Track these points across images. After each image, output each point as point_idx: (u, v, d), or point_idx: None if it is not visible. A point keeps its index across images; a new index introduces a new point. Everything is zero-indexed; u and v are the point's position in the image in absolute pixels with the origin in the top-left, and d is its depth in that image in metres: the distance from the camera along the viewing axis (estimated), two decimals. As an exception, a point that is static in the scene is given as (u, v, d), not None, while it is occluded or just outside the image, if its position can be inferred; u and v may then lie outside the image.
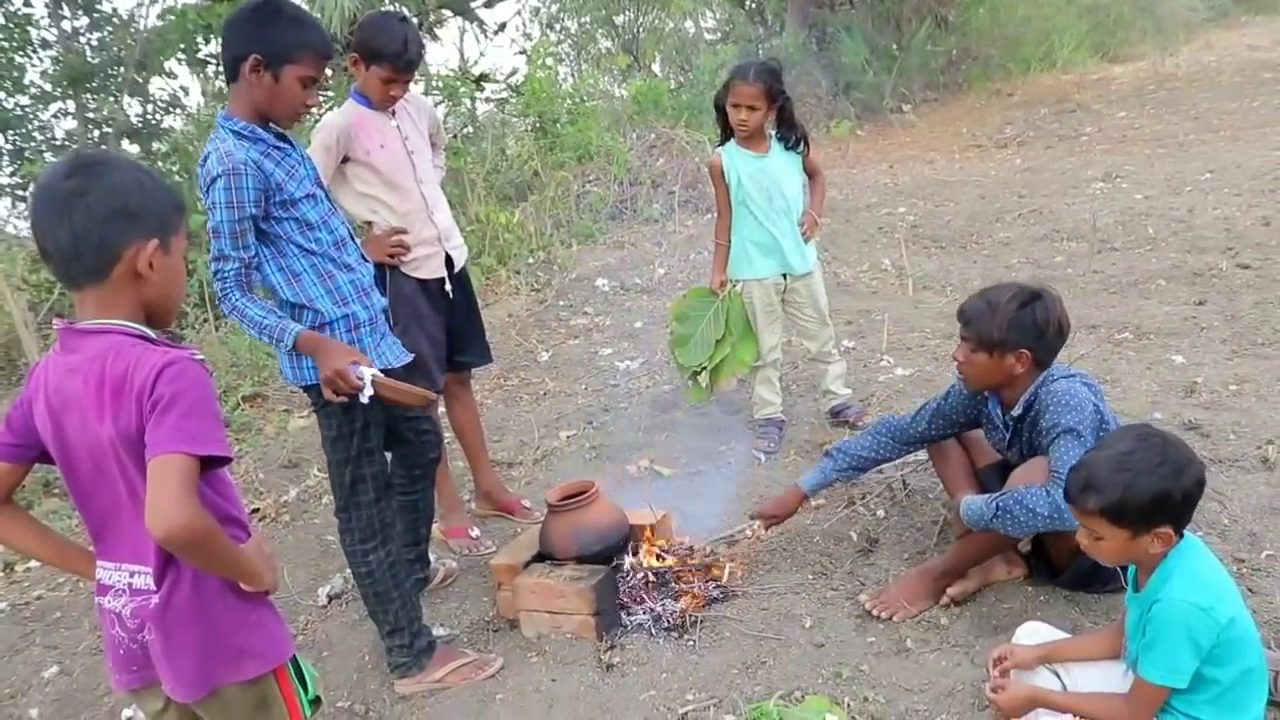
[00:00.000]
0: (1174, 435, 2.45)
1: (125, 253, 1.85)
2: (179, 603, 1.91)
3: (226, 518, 1.96)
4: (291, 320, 2.89)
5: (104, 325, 1.86)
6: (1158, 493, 2.31)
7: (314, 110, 2.98)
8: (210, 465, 1.85)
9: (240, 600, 1.97)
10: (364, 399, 2.88)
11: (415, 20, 6.77)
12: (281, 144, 2.90)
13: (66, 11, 8.61)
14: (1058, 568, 3.32)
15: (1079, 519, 2.44)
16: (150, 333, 1.90)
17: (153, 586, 1.91)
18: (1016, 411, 3.28)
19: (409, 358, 3.31)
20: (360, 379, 2.85)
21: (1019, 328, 3.14)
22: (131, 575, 1.94)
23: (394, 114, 3.84)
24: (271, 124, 2.90)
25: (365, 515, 3.22)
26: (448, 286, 4.03)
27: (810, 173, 4.69)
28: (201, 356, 1.91)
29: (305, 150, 3.11)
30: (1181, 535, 2.40)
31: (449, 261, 4.02)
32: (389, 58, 3.66)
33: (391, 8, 11.15)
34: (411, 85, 3.88)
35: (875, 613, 3.36)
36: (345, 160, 3.78)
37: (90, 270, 1.86)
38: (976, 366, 3.25)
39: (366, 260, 3.18)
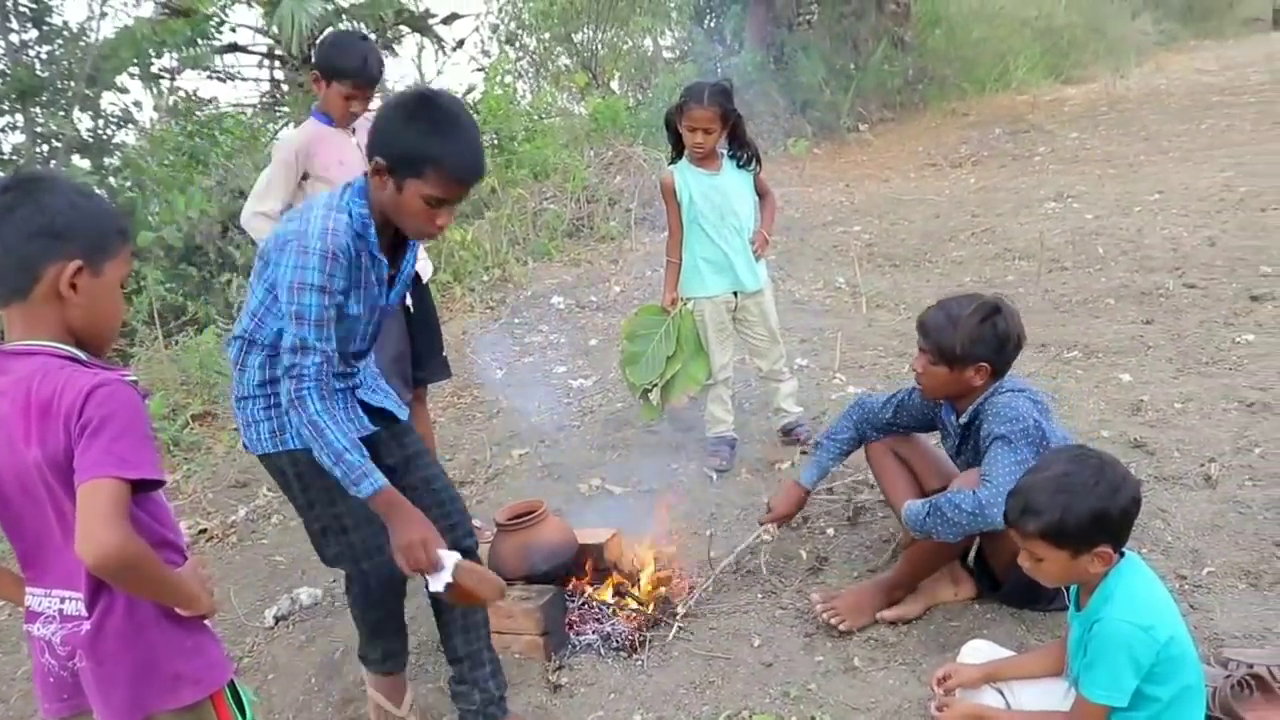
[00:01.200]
0: (1109, 454, 2.48)
1: (45, 272, 1.82)
2: (111, 629, 1.87)
3: (161, 541, 1.93)
4: (373, 464, 2.49)
5: (31, 347, 1.83)
6: (1095, 512, 2.33)
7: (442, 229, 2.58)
8: (142, 488, 1.82)
9: (176, 625, 1.94)
10: (434, 585, 2.54)
11: (373, 37, 6.72)
12: (377, 258, 2.59)
13: (14, 24, 8.50)
14: (999, 579, 3.35)
15: (1020, 543, 2.46)
16: (80, 354, 1.86)
17: (84, 613, 1.87)
18: (964, 419, 3.32)
19: (396, 416, 2.91)
20: (439, 562, 2.51)
21: (980, 342, 3.17)
22: (62, 601, 1.90)
23: (354, 131, 3.91)
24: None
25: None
26: (409, 301, 4.04)
27: (760, 192, 4.71)
28: (134, 378, 1.88)
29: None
30: (1121, 554, 2.42)
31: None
32: (349, 74, 3.75)
33: (350, 26, 11.14)
34: (366, 109, 3.93)
35: (824, 615, 3.37)
36: (305, 177, 3.85)
37: (12, 289, 1.84)
38: (935, 378, 3.28)
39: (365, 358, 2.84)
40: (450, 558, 2.52)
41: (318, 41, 3.93)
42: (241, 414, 2.72)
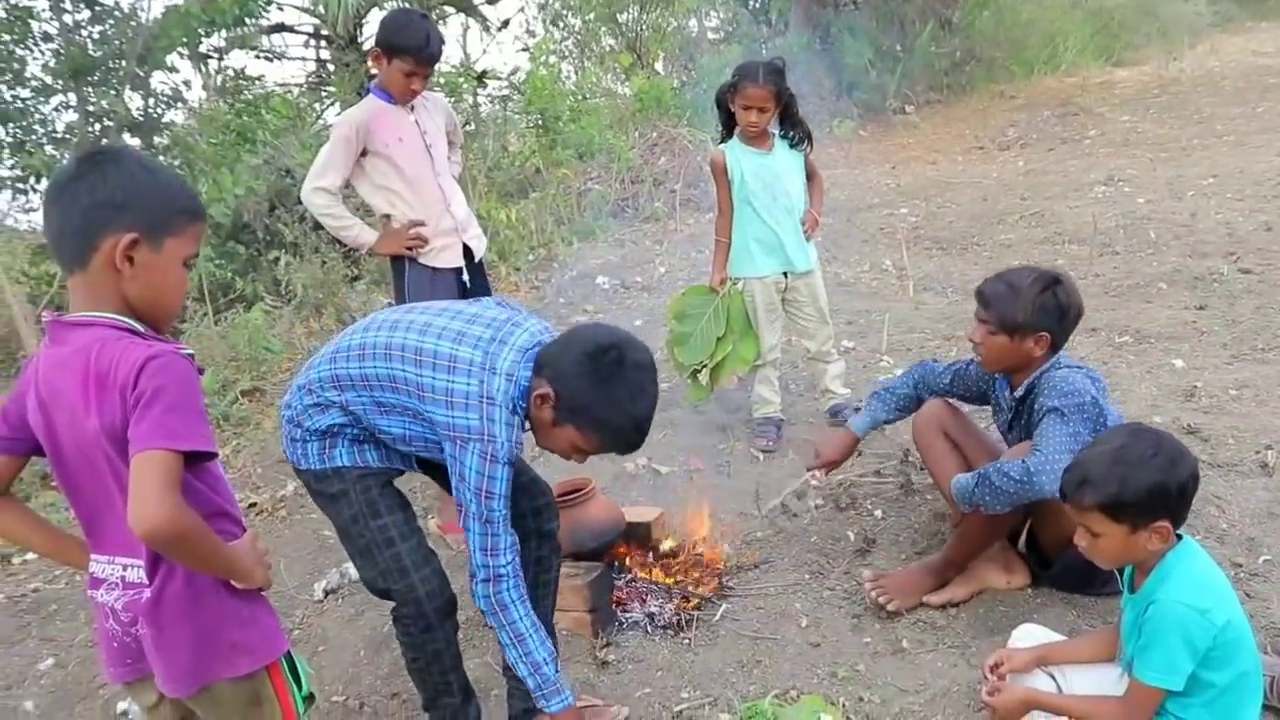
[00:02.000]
0: (1166, 431, 2.45)
1: (102, 242, 1.82)
2: (171, 597, 1.89)
3: (218, 512, 1.95)
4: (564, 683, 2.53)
5: (90, 318, 1.84)
6: (1153, 485, 2.30)
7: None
8: (195, 460, 1.83)
9: (233, 596, 1.95)
10: None
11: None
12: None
13: (68, 5, 8.58)
14: (1047, 558, 3.33)
15: (1076, 518, 2.43)
16: (138, 326, 1.87)
17: (145, 580, 1.89)
18: (1020, 393, 3.29)
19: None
20: None
21: (1042, 311, 3.15)
22: (124, 569, 1.92)
23: (412, 109, 3.96)
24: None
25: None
26: (465, 276, 4.08)
27: (809, 173, 4.68)
28: (190, 351, 1.89)
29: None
30: (1179, 532, 2.39)
31: (468, 253, 4.08)
32: (411, 51, 3.80)
33: (398, 4, 11.18)
34: (425, 87, 3.99)
35: (873, 594, 3.37)
36: (364, 154, 3.89)
37: (72, 257, 1.85)
38: (995, 348, 3.25)
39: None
40: None
41: (380, 20, 3.96)
42: (288, 429, 2.69)
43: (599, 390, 2.40)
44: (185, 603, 1.90)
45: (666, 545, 3.81)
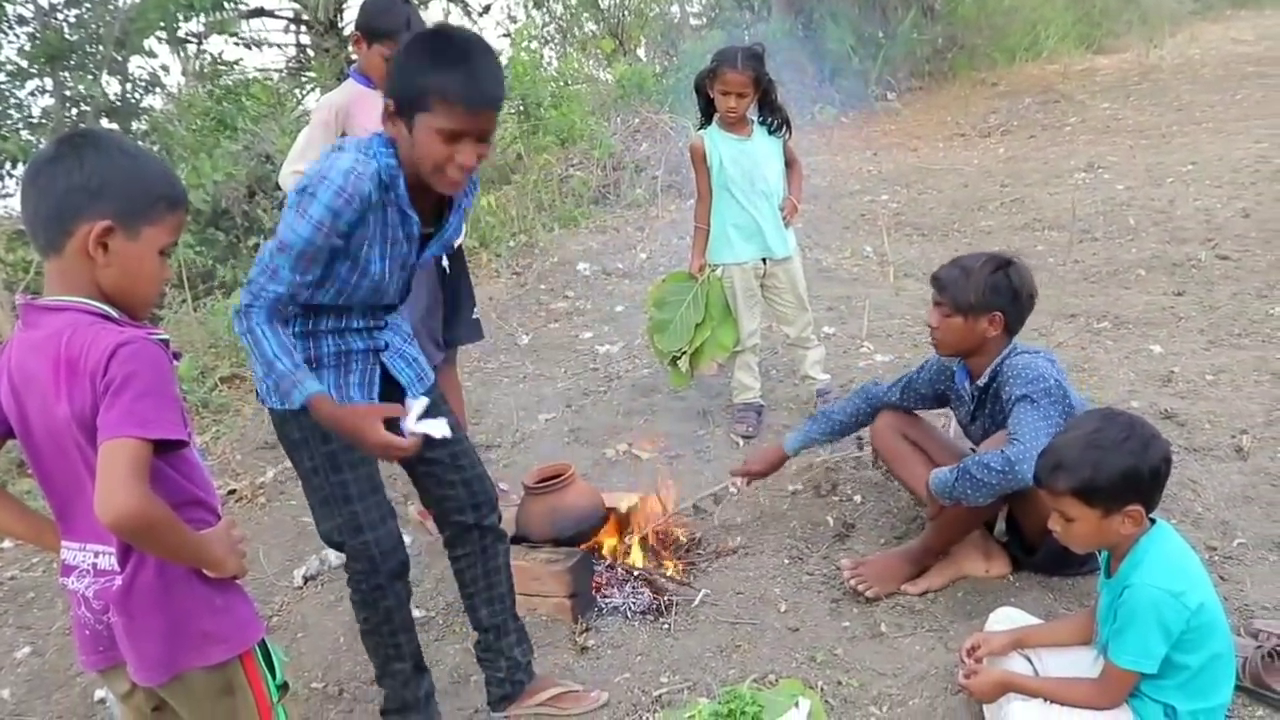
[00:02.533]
0: (1138, 415, 2.47)
1: (76, 228, 1.80)
2: (142, 585, 1.87)
3: (191, 500, 1.93)
4: (308, 373, 2.40)
5: (63, 302, 1.82)
6: (1126, 469, 2.33)
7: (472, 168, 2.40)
8: (166, 448, 1.81)
9: (206, 584, 1.93)
10: (439, 432, 2.47)
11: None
12: (407, 214, 2.48)
13: (45, -13, 8.50)
14: (1031, 545, 3.34)
15: (1050, 503, 2.46)
16: (111, 312, 1.84)
17: (116, 567, 1.87)
18: (982, 381, 3.34)
19: (419, 390, 2.73)
20: (416, 432, 2.45)
21: (994, 290, 3.23)
22: (95, 556, 1.90)
23: None
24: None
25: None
26: (445, 262, 4.07)
27: (788, 160, 4.68)
28: (164, 337, 1.87)
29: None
30: (1152, 516, 2.41)
31: None
32: (391, 35, 3.79)
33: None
34: None
35: (852, 581, 3.38)
36: (343, 137, 3.86)
37: (47, 242, 1.83)
38: (950, 330, 3.31)
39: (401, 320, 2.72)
40: (418, 405, 2.47)
41: (360, 4, 3.94)
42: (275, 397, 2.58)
43: (423, 60, 2.31)
44: (156, 591, 1.88)
45: (644, 530, 3.82)
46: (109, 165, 1.82)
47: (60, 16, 8.64)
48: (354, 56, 4.04)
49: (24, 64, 8.28)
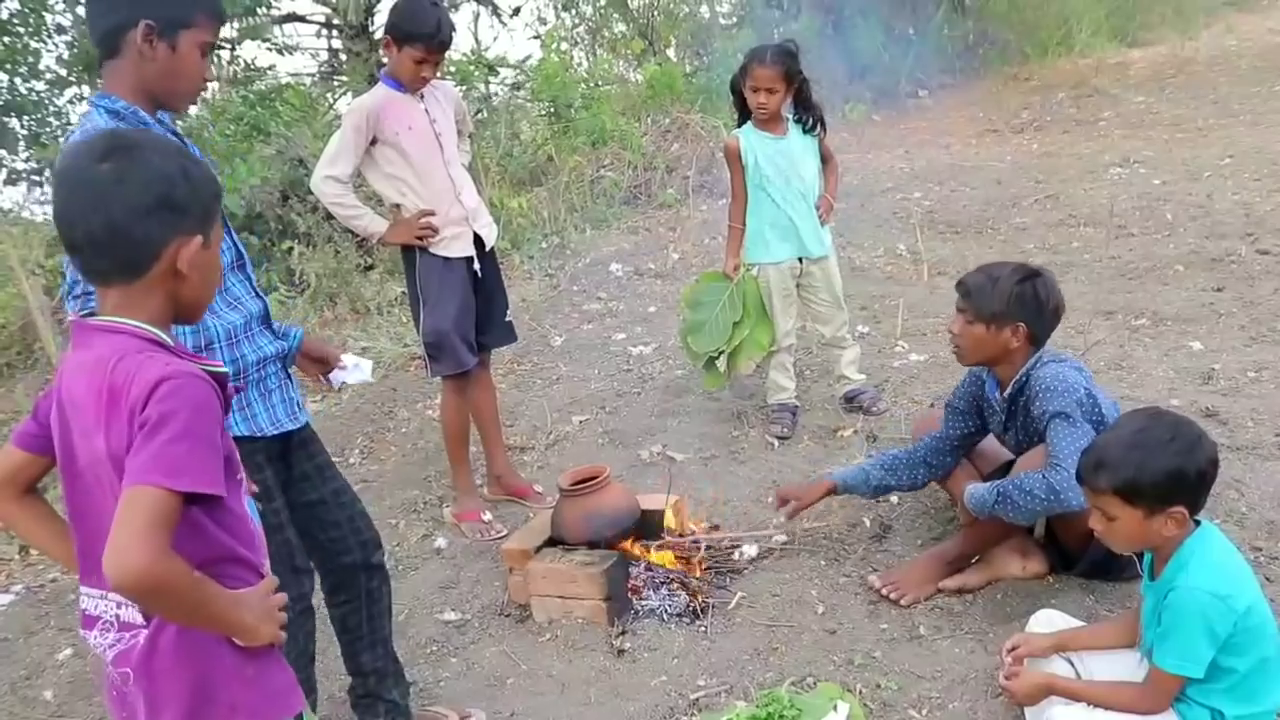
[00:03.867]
0: (1184, 415, 2.44)
1: (167, 250, 1.68)
2: (166, 645, 1.69)
3: (228, 557, 1.75)
4: None
5: (117, 324, 1.68)
6: (1171, 469, 2.29)
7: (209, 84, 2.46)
8: (204, 500, 1.62)
9: (236, 650, 1.74)
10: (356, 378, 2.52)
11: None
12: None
13: (81, -4, 8.59)
14: (1071, 556, 3.30)
15: (1091, 501, 2.43)
16: (165, 338, 1.71)
17: (140, 620, 1.70)
18: (1009, 392, 3.28)
19: (300, 422, 2.61)
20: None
21: (1019, 301, 3.16)
22: (119, 606, 1.72)
23: (422, 97, 3.94)
24: (163, 109, 2.43)
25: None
26: (476, 266, 4.08)
27: (824, 157, 4.66)
28: (222, 369, 1.77)
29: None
30: (1196, 518, 2.37)
31: (479, 242, 4.07)
32: (422, 38, 3.78)
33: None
34: (436, 74, 3.98)
35: (885, 593, 3.36)
36: (374, 142, 3.88)
37: (125, 266, 1.68)
38: (971, 338, 3.26)
39: (259, 296, 2.57)
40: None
41: (391, 7, 3.95)
42: None
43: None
44: (181, 652, 1.70)
45: (680, 532, 3.80)
46: (181, 176, 1.70)
47: (97, 24, 8.73)
48: (384, 60, 4.05)
49: (63, 72, 8.38)
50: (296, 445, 2.63)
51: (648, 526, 3.72)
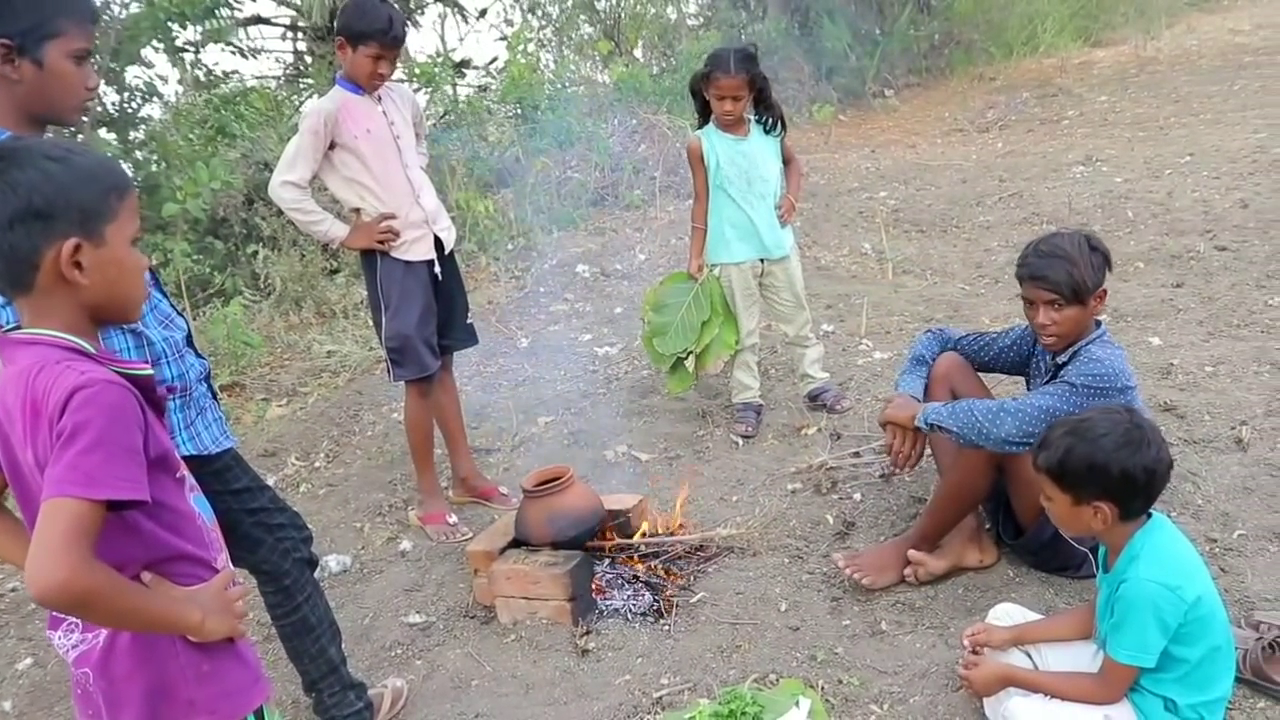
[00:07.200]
0: (1151, 423, 2.46)
1: (44, 259, 1.63)
2: (122, 646, 1.71)
3: (175, 556, 1.75)
4: None
5: (35, 335, 1.66)
6: (1096, 463, 2.35)
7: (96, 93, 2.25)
8: (131, 505, 1.61)
9: (191, 647, 1.74)
10: None
11: (396, 6, 6.54)
12: None
13: None
14: (1022, 528, 3.34)
15: (1035, 477, 2.52)
16: (86, 345, 1.68)
17: None
18: (1064, 358, 3.15)
19: (229, 444, 2.63)
20: None
21: (1101, 267, 3.04)
22: None
23: (379, 100, 3.91)
24: (51, 124, 2.34)
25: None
26: (437, 269, 4.06)
27: (786, 158, 4.68)
28: (145, 372, 1.73)
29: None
30: (1126, 517, 2.40)
31: (439, 245, 4.06)
32: (375, 35, 3.75)
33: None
34: (393, 72, 3.96)
35: (849, 572, 3.37)
36: (332, 146, 3.85)
37: (12, 282, 1.66)
38: (1069, 322, 3.06)
39: (181, 314, 2.55)
40: None
41: (340, 9, 3.92)
42: None
43: None
44: (137, 652, 1.72)
45: (644, 532, 3.81)
46: (42, 179, 1.62)
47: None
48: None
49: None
50: (233, 462, 2.67)
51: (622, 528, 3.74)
